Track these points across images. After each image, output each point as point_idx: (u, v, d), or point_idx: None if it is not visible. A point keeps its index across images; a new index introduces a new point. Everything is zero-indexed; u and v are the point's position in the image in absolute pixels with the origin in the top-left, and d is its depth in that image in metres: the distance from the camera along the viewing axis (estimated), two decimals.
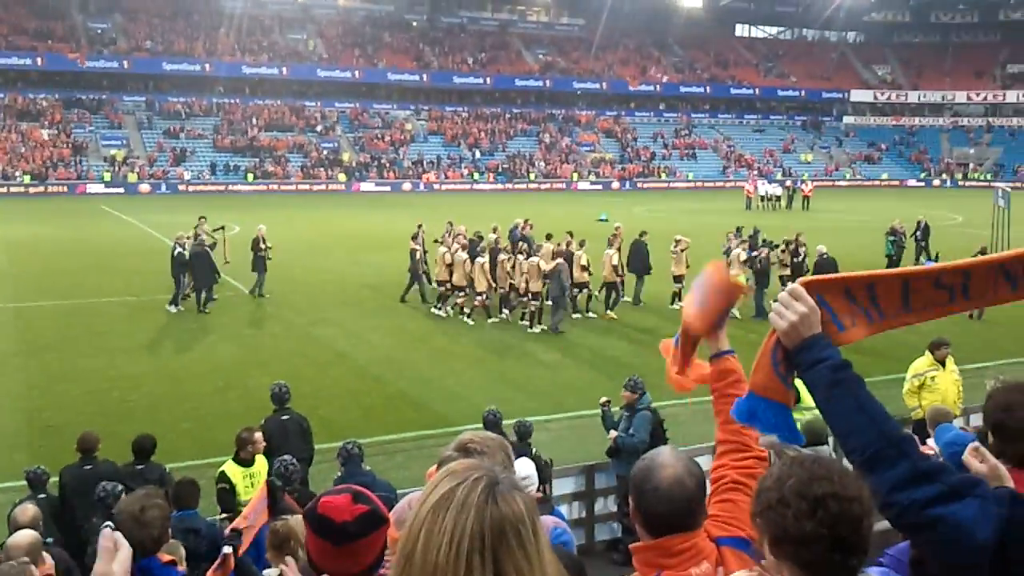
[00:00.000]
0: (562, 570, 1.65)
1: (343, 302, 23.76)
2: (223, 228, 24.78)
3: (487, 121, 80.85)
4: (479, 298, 21.45)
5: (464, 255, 21.46)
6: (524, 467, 6.83)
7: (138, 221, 42.36)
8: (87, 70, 70.48)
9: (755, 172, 75.00)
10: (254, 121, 72.67)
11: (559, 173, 74.80)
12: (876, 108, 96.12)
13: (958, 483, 2.01)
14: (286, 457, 8.26)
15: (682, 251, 23.39)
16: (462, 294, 21.69)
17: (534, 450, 10.08)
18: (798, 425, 8.37)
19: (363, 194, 65.58)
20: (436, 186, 69.81)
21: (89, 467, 9.08)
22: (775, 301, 2.38)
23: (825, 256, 21.88)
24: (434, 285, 23.10)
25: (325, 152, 71.20)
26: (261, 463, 9.23)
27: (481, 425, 10.01)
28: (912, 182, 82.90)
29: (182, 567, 4.98)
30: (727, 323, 2.90)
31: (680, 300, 22.18)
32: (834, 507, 2.00)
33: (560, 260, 20.63)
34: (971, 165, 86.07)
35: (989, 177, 78.46)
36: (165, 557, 4.69)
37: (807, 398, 8.63)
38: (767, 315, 2.49)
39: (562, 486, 10.42)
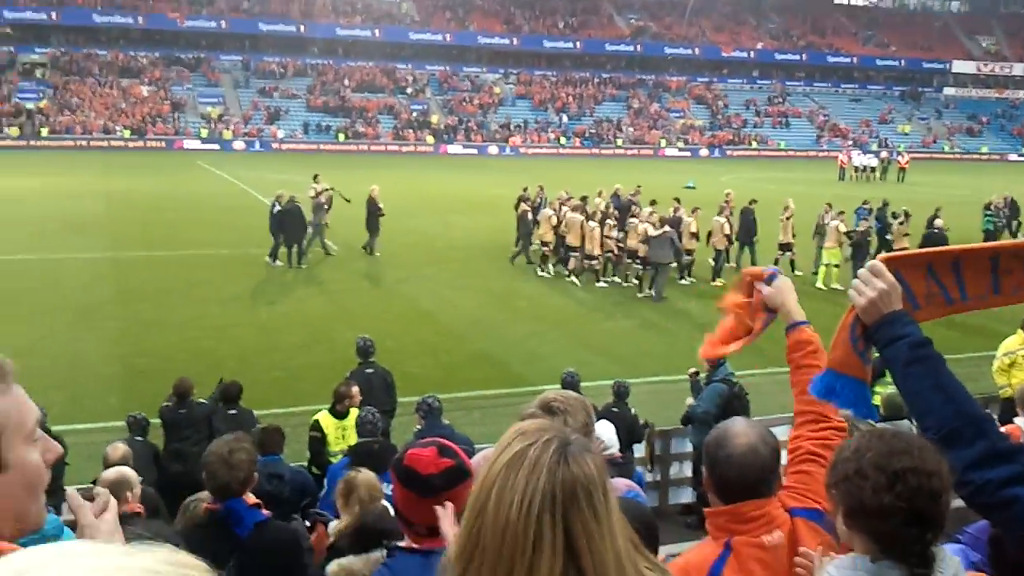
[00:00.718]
0: (632, 534, 1.69)
1: (430, 261, 24.02)
2: (332, 189, 25.19)
3: (576, 86, 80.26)
4: (593, 261, 21.82)
5: (579, 216, 21.94)
6: (603, 430, 6.91)
7: (232, 177, 43.33)
8: (186, 29, 72.11)
9: (849, 142, 73.02)
10: (346, 82, 73.44)
11: (647, 139, 73.99)
12: (979, 80, 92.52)
13: None
14: (365, 410, 8.48)
15: (788, 219, 23.25)
16: (574, 255, 22.04)
17: (632, 410, 10.21)
18: (877, 399, 8.32)
19: (450, 156, 65.89)
20: (522, 150, 69.72)
21: (184, 411, 9.51)
22: (855, 278, 2.37)
23: (936, 231, 21.31)
24: (537, 245, 23.49)
25: (415, 114, 71.64)
26: (354, 417, 9.47)
27: (559, 386, 10.13)
28: (1013, 156, 79.73)
29: (266, 511, 5.13)
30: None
31: (792, 268, 22.20)
32: (913, 481, 2.01)
33: (667, 227, 20.63)
34: None
35: None
36: (251, 499, 4.81)
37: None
38: None
39: (639, 449, 10.54)
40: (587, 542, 1.56)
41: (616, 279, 22.24)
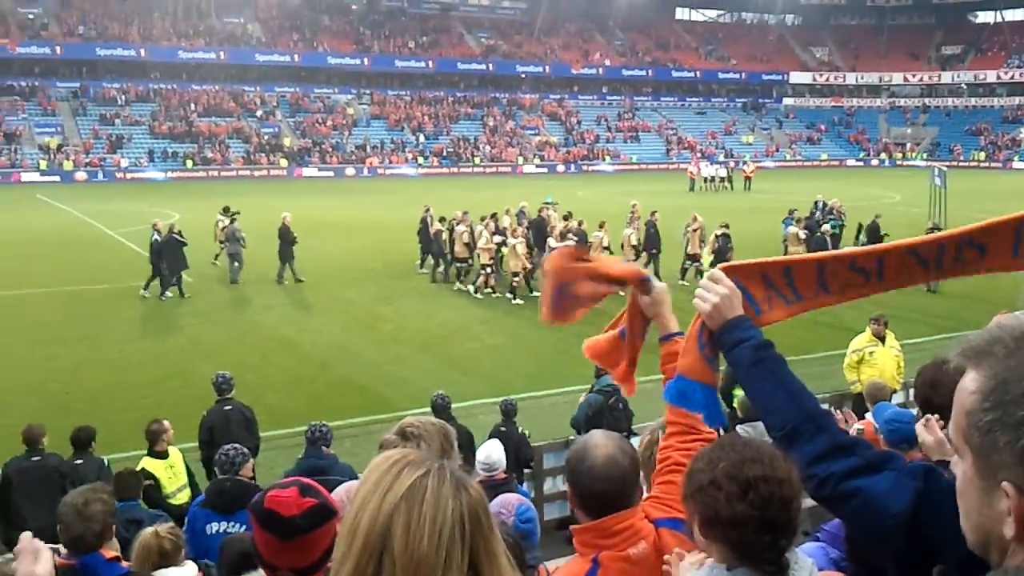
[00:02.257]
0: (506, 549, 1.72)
1: (289, 289, 23.51)
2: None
3: (430, 105, 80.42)
4: (516, 279, 22.17)
5: (491, 236, 22.70)
6: (491, 449, 6.88)
7: (75, 210, 41.48)
8: (18, 56, 68.76)
9: (698, 154, 75.58)
10: (192, 107, 71.47)
11: (504, 157, 74.71)
12: (815, 90, 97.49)
13: (875, 457, 2.06)
14: (227, 446, 8.12)
15: (695, 231, 24.16)
16: (488, 272, 22.63)
17: (520, 428, 10.21)
18: (735, 401, 8.50)
19: (305, 179, 64.91)
20: (380, 171, 69.32)
21: (37, 459, 8.85)
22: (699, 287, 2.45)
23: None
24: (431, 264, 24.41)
25: (266, 137, 70.30)
26: (175, 453, 9.20)
27: (429, 408, 9.99)
28: (851, 162, 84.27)
29: (126, 563, 4.86)
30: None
31: (697, 276, 23.03)
32: (764, 489, 2.04)
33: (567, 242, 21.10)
34: (908, 145, 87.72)
35: (926, 156, 80.00)
36: (109, 553, 4.58)
37: None
38: None
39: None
40: (488, 562, 1.61)
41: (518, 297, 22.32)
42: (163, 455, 9.00)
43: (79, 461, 8.89)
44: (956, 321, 18.48)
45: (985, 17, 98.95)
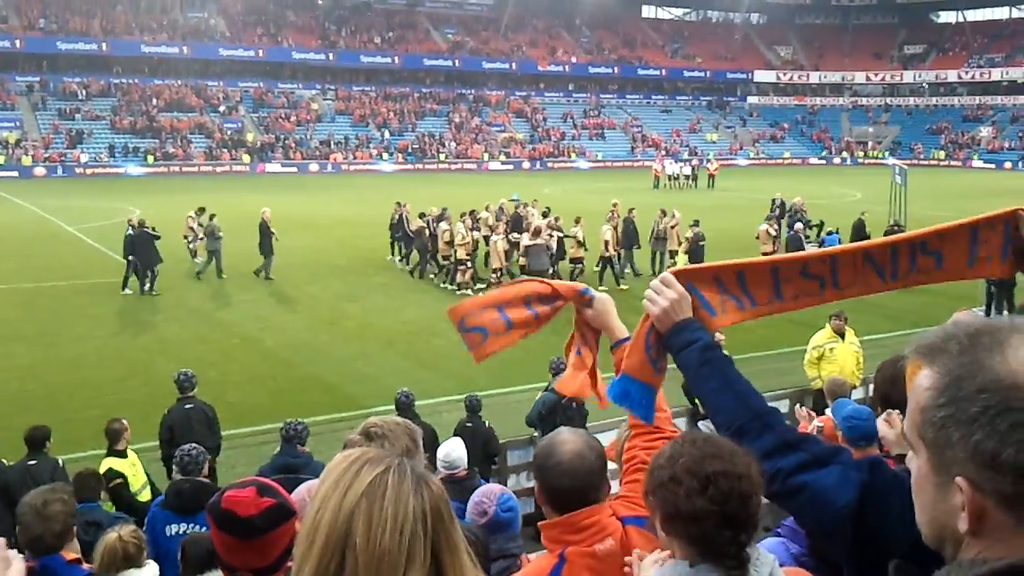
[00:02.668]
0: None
1: (251, 285, 23.33)
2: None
3: (396, 101, 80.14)
4: (493, 275, 22.31)
5: (468, 231, 22.88)
6: (452, 447, 6.90)
7: (33, 205, 40.89)
8: None
9: (663, 152, 75.94)
10: (154, 101, 70.65)
11: (470, 153, 74.61)
12: (779, 88, 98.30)
13: (821, 451, 2.09)
14: (187, 445, 8.01)
15: (673, 227, 24.59)
16: (462, 268, 22.74)
17: (487, 423, 10.25)
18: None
19: (268, 175, 64.41)
20: (344, 167, 68.96)
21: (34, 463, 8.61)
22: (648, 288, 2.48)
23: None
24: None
25: (228, 133, 69.68)
26: (132, 453, 9.12)
27: (392, 406, 9.96)
28: (814, 160, 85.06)
29: (87, 565, 4.80)
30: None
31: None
32: (724, 485, 2.06)
33: (539, 238, 21.61)
34: (870, 143, 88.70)
35: (887, 155, 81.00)
36: (69, 555, 4.54)
37: None
38: None
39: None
40: (449, 556, 1.63)
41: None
42: (123, 454, 8.89)
43: (32, 462, 8.69)
44: (916, 316, 18.67)
45: (947, 17, 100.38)
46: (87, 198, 44.16)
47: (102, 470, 8.66)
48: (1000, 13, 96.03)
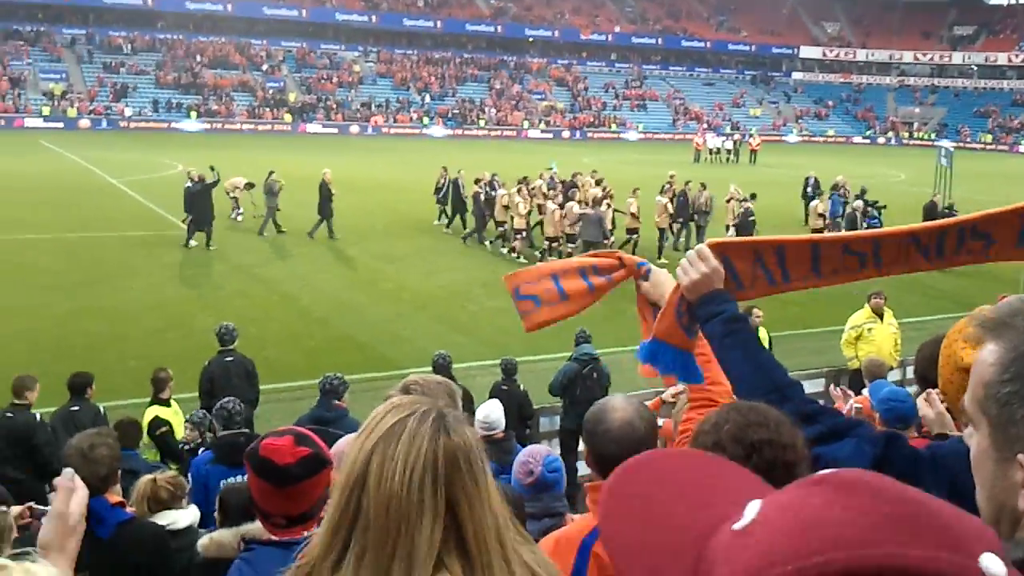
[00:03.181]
0: (504, 502, 1.70)
1: (290, 243, 23.51)
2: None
3: (437, 65, 79.87)
4: (554, 243, 22.47)
5: (530, 199, 23.24)
6: (491, 408, 6.95)
7: (78, 157, 41.29)
8: (24, 1, 68.11)
9: (704, 125, 75.18)
10: (198, 58, 70.95)
11: (510, 120, 74.29)
12: (825, 65, 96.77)
13: (838, 424, 2.12)
14: (227, 399, 8.13)
15: (728, 201, 24.94)
16: (522, 236, 23.04)
17: (521, 387, 10.32)
18: None
19: (309, 136, 64.59)
20: (384, 129, 68.98)
21: (10, 415, 8.55)
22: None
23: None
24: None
25: (271, 92, 69.88)
26: (175, 403, 9.29)
27: (429, 368, 10.04)
28: (858, 139, 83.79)
29: (130, 508, 4.89)
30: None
31: None
32: (768, 453, 2.05)
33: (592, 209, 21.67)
34: (916, 124, 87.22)
35: (933, 136, 79.65)
36: (114, 498, 4.60)
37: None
38: None
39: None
40: (468, 509, 1.59)
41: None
42: (168, 403, 9.04)
43: (75, 407, 8.88)
44: (954, 300, 18.47)
45: None
46: (131, 151, 44.53)
47: (148, 418, 8.82)
48: None
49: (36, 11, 69.34)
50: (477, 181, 24.99)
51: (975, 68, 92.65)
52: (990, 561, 0.74)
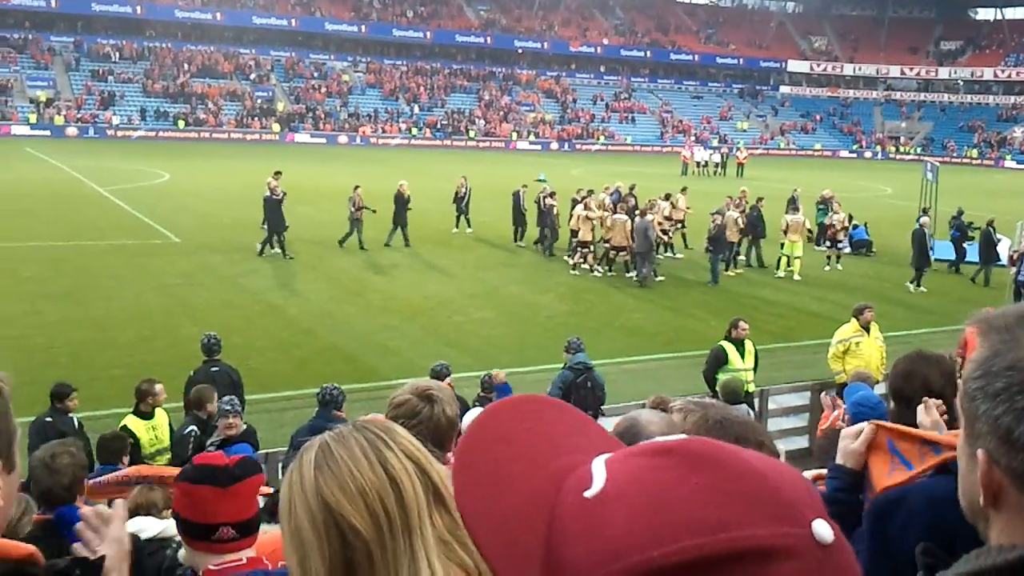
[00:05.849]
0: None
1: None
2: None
3: (426, 76, 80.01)
4: (622, 253, 22.77)
5: (610, 214, 23.35)
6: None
7: (65, 165, 41.14)
8: (12, 7, 67.98)
9: (692, 138, 75.48)
10: (186, 67, 70.87)
11: (498, 132, 74.43)
12: (812, 79, 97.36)
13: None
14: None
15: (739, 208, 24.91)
16: (588, 250, 23.20)
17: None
18: (717, 385, 8.56)
19: (297, 145, 64.53)
20: (373, 140, 69.00)
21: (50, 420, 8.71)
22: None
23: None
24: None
25: (259, 101, 69.84)
26: (162, 415, 9.17)
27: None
28: (844, 153, 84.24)
29: None
30: None
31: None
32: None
33: (647, 218, 21.92)
34: (902, 139, 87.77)
35: (919, 151, 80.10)
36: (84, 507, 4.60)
37: (734, 359, 8.83)
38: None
39: None
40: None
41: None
42: (147, 415, 8.97)
43: (49, 419, 8.81)
44: (939, 316, 18.59)
45: (985, 14, 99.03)
46: (118, 160, 44.40)
47: (119, 426, 8.78)
48: None
49: (24, 18, 69.18)
50: (552, 195, 25.38)
51: (961, 83, 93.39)
52: (821, 527, 0.80)
